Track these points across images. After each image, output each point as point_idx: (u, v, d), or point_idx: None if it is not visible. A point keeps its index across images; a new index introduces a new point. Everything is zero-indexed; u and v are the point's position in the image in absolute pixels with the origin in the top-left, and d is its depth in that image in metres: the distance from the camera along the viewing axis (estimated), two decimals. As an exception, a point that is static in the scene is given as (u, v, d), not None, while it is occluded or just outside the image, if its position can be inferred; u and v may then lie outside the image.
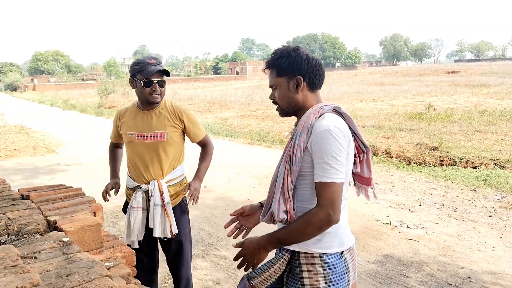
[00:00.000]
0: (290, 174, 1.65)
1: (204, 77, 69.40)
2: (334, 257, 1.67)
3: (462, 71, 47.90)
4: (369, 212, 5.56)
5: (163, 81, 2.57)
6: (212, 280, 3.76)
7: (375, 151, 9.65)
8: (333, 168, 1.57)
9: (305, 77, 1.71)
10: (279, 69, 1.74)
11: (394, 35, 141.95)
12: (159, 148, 2.59)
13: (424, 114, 14.82)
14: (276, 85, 1.77)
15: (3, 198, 2.55)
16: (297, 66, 1.70)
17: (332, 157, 1.57)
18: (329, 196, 1.56)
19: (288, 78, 1.72)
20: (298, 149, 1.63)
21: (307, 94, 1.74)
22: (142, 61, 2.55)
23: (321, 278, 1.65)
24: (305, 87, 1.73)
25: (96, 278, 1.47)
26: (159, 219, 2.54)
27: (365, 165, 1.83)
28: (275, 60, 1.75)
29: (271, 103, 1.87)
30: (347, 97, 23.64)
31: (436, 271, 3.90)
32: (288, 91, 1.74)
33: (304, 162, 1.65)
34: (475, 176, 7.38)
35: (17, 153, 10.32)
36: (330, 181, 1.57)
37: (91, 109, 24.06)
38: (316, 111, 1.68)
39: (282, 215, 1.65)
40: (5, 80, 72.42)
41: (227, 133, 13.25)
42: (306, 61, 1.71)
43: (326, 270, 1.65)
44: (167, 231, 2.56)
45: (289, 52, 1.73)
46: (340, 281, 1.67)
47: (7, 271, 1.37)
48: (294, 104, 1.75)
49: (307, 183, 1.67)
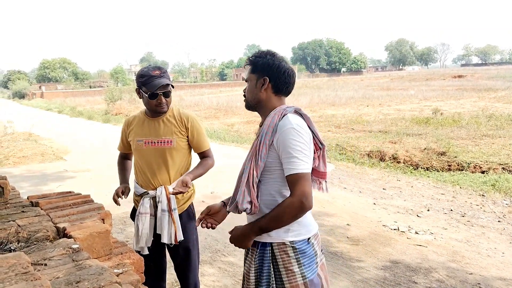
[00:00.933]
0: (255, 168, 1.85)
1: (210, 84, 69.56)
2: (303, 243, 1.87)
3: (469, 76, 47.73)
4: (376, 218, 5.54)
5: (168, 92, 2.58)
6: (219, 287, 3.75)
7: (382, 156, 9.62)
8: (300, 160, 1.77)
9: (271, 79, 1.91)
10: (254, 67, 1.96)
11: (400, 40, 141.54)
12: (166, 154, 2.61)
13: (431, 118, 14.77)
14: (248, 80, 1.98)
15: (13, 206, 2.57)
16: (267, 68, 1.91)
17: (298, 150, 1.77)
18: (300, 186, 1.75)
19: (258, 76, 1.93)
20: (264, 146, 1.83)
21: (270, 96, 1.94)
22: (146, 73, 2.55)
23: (294, 263, 1.84)
24: (269, 89, 1.93)
25: (105, 285, 1.48)
26: (166, 225, 2.55)
27: (321, 160, 1.99)
28: (254, 58, 1.97)
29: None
30: (353, 102, 23.60)
31: (445, 277, 3.87)
32: (255, 87, 1.95)
33: (270, 158, 1.84)
34: (484, 181, 7.33)
35: (26, 160, 10.39)
36: (298, 172, 1.76)
37: (98, 116, 24.21)
38: (279, 112, 1.88)
39: (246, 205, 1.86)
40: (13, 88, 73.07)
41: (233, 139, 13.27)
42: (277, 67, 1.91)
43: (297, 255, 1.85)
44: (173, 237, 2.56)
45: (266, 55, 1.95)
46: (311, 263, 1.88)
47: (18, 278, 1.38)
48: (257, 100, 1.96)
49: (274, 178, 1.86)
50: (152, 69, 2.58)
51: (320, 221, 5.41)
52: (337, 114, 18.11)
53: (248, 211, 1.88)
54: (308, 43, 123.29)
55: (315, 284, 1.88)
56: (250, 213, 1.89)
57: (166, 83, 2.53)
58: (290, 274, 1.84)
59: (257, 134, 1.95)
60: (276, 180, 1.86)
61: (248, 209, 1.87)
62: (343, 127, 14.38)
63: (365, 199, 6.47)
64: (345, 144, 10.81)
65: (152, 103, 2.56)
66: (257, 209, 1.87)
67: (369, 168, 8.88)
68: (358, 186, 7.25)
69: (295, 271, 1.84)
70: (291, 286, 1.84)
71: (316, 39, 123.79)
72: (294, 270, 1.84)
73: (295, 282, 1.84)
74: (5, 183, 2.66)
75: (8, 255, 1.55)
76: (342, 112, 19.24)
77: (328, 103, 23.63)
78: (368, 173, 8.29)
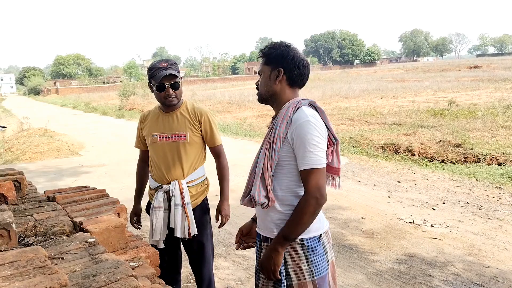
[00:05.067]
0: (270, 162, 1.82)
1: (222, 78, 69.57)
2: (313, 240, 1.83)
3: (485, 66, 46.85)
4: (391, 211, 5.49)
5: (176, 83, 2.57)
6: (234, 280, 3.77)
7: (396, 148, 9.53)
8: (315, 155, 1.74)
9: (286, 70, 1.86)
10: (267, 58, 1.90)
11: (414, 31, 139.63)
12: (180, 148, 2.62)
13: (446, 110, 14.53)
14: (262, 72, 1.93)
15: (30, 200, 2.62)
16: (282, 59, 1.86)
17: (313, 145, 1.73)
18: (314, 182, 1.73)
19: (272, 68, 1.88)
20: (278, 140, 1.79)
21: (284, 87, 1.89)
22: (154, 66, 2.58)
23: (303, 260, 1.81)
24: (284, 80, 1.87)
25: (121, 278, 1.50)
26: (180, 219, 2.56)
27: (335, 156, 1.95)
28: (267, 50, 1.92)
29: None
30: (366, 95, 23.37)
31: (462, 270, 3.83)
32: (269, 79, 1.89)
33: (283, 152, 1.80)
34: (500, 173, 7.20)
35: (42, 156, 10.54)
36: (313, 168, 1.73)
37: (112, 111, 24.41)
38: (294, 105, 1.83)
39: (263, 199, 1.82)
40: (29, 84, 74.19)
41: (246, 133, 13.26)
42: (292, 58, 1.85)
43: (307, 252, 1.82)
44: (187, 232, 2.58)
45: (280, 46, 1.89)
46: (321, 261, 1.84)
47: (36, 272, 1.40)
48: (271, 92, 1.90)
49: (285, 172, 1.83)
50: (159, 62, 2.59)
51: (334, 215, 5.39)
52: (350, 107, 17.95)
53: (265, 205, 1.84)
54: (320, 35, 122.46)
55: (324, 283, 1.85)
56: (267, 207, 1.85)
57: (171, 73, 2.51)
58: (298, 272, 1.82)
59: (269, 127, 1.91)
60: (286, 175, 1.82)
61: (266, 204, 1.83)
62: (356, 119, 14.26)
63: (379, 192, 6.42)
64: (359, 137, 10.72)
65: (160, 95, 2.57)
66: (273, 203, 1.83)
67: (383, 161, 8.80)
68: (372, 179, 7.19)
69: (303, 269, 1.82)
70: (298, 283, 1.82)
71: (328, 31, 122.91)
72: (302, 268, 1.82)
73: (303, 279, 1.82)
74: (22, 178, 2.70)
75: (26, 249, 1.57)
76: (356, 104, 19.07)
77: (341, 96, 23.42)
78: (382, 166, 8.22)
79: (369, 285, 3.63)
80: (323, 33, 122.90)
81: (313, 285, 1.82)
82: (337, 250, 4.34)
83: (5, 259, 1.49)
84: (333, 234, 4.75)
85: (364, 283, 3.67)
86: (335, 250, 4.34)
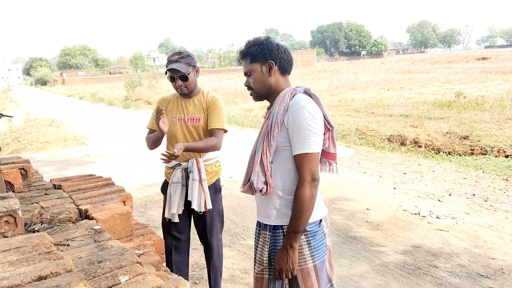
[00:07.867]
0: (268, 148, 1.84)
1: (228, 69, 69.32)
2: (314, 225, 1.87)
3: (493, 58, 46.21)
4: (397, 203, 5.48)
5: (184, 76, 2.74)
6: (239, 269, 3.79)
7: (402, 140, 9.48)
8: (310, 140, 1.77)
9: (276, 61, 1.89)
10: (252, 56, 1.91)
11: (422, 22, 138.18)
12: (198, 129, 2.82)
13: (453, 102, 14.41)
14: (251, 71, 1.93)
15: (36, 188, 2.63)
16: (269, 52, 1.88)
17: (308, 130, 1.76)
18: (308, 167, 1.76)
19: (261, 64, 1.90)
20: (276, 125, 1.82)
21: (278, 78, 1.92)
22: (169, 58, 2.81)
23: (305, 245, 1.84)
24: (276, 71, 1.90)
25: (127, 265, 1.50)
26: (197, 192, 2.74)
27: (330, 141, 1.98)
28: (248, 48, 1.93)
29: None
30: (373, 86, 23.22)
31: (467, 262, 3.82)
32: (262, 75, 1.91)
33: (280, 138, 1.83)
34: (508, 165, 7.15)
35: (48, 146, 10.61)
36: (307, 152, 1.77)
37: (119, 102, 24.45)
38: (290, 92, 1.87)
39: (261, 185, 1.84)
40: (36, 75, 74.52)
41: (252, 124, 13.25)
42: (277, 47, 1.89)
43: (308, 237, 1.84)
44: (202, 206, 2.75)
45: (260, 40, 1.91)
46: (320, 246, 1.88)
47: (42, 257, 1.41)
48: (267, 87, 1.92)
49: (283, 158, 1.85)
50: (172, 55, 2.83)
51: (339, 206, 5.39)
52: (356, 98, 17.85)
53: (264, 191, 1.85)
54: (327, 26, 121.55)
55: (323, 267, 1.88)
56: (266, 194, 1.85)
57: (176, 68, 2.69)
58: (300, 257, 1.83)
59: (265, 116, 1.96)
60: (285, 160, 1.85)
61: (264, 190, 1.84)
62: (363, 111, 14.17)
63: (385, 183, 6.40)
64: (365, 128, 10.67)
65: (173, 85, 2.82)
66: (272, 189, 1.85)
67: (390, 152, 8.76)
68: (378, 170, 7.17)
69: (305, 254, 1.84)
70: (301, 269, 1.83)
71: (335, 22, 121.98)
72: (304, 253, 1.84)
73: (305, 265, 1.84)
74: (28, 166, 2.72)
75: (32, 235, 1.58)
76: (362, 96, 18.95)
77: (348, 87, 23.29)
78: (389, 157, 8.19)
79: (374, 275, 3.63)
80: (330, 24, 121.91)
81: (314, 270, 1.84)
82: (342, 241, 4.34)
83: (11, 244, 1.50)
84: (338, 225, 4.75)
85: (369, 273, 3.67)
86: (340, 241, 4.34)
